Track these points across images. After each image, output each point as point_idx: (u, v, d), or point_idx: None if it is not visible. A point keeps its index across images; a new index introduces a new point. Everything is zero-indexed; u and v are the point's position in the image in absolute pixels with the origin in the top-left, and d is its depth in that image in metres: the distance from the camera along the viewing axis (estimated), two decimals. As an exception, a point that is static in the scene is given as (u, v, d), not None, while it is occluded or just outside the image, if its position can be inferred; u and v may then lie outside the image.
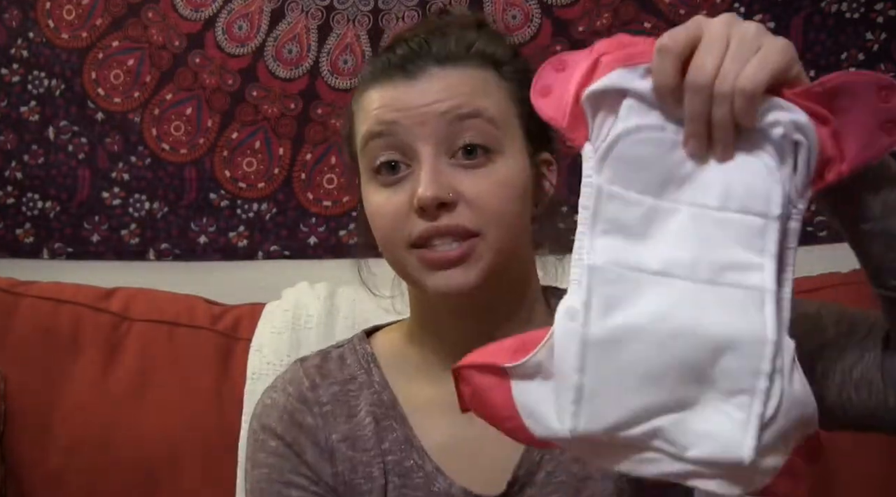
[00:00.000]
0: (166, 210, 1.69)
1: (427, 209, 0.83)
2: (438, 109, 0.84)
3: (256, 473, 0.93)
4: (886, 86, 0.64)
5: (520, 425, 0.71)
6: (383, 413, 0.93)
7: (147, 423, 1.40)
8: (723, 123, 0.64)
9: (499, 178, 0.85)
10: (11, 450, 1.41)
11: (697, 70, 0.64)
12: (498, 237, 0.85)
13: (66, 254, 1.70)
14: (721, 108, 0.63)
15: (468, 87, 0.86)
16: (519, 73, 0.90)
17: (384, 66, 0.88)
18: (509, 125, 0.87)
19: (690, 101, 0.64)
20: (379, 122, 0.86)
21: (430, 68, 0.86)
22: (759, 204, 0.65)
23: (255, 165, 1.69)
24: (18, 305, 1.46)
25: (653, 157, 0.67)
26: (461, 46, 0.88)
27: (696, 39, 0.64)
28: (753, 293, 0.65)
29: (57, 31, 1.68)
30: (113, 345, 1.45)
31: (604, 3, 1.62)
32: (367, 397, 0.94)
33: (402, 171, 0.85)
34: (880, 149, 0.65)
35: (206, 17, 1.67)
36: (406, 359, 0.96)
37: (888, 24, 1.59)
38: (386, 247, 0.88)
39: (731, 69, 0.63)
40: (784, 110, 0.64)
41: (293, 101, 1.68)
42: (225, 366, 1.43)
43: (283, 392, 0.96)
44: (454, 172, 0.84)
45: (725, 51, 0.64)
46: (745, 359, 0.64)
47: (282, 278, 1.57)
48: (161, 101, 1.68)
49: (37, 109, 1.69)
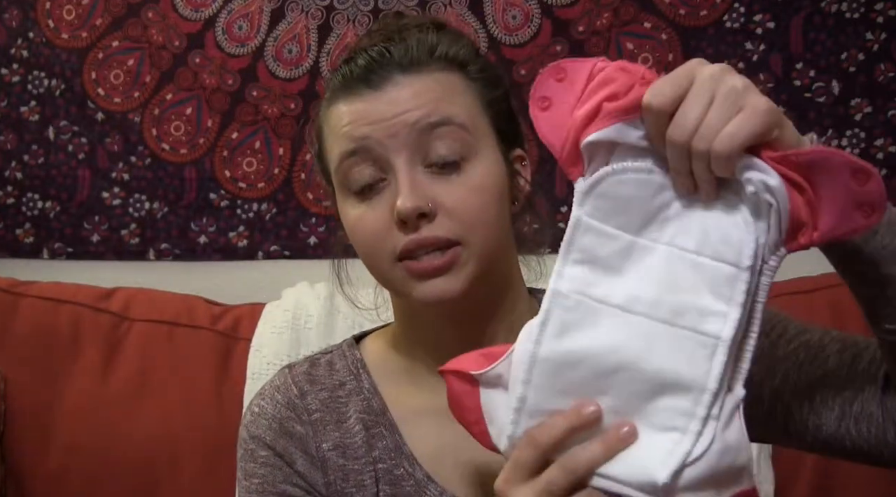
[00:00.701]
0: (166, 210, 1.69)
1: (408, 221, 0.82)
2: (408, 120, 0.83)
3: (248, 484, 0.92)
4: (860, 169, 0.63)
5: (485, 430, 0.74)
6: (373, 420, 0.92)
7: (147, 423, 1.40)
8: (702, 176, 0.65)
9: (475, 184, 0.84)
10: (11, 450, 1.41)
11: (676, 127, 0.64)
12: (480, 243, 0.84)
13: (66, 254, 1.70)
14: (698, 163, 0.65)
15: (435, 94, 0.85)
16: (483, 71, 0.89)
17: (347, 79, 0.86)
18: (480, 127, 0.87)
19: (671, 155, 0.66)
20: (351, 139, 0.84)
21: (395, 76, 0.84)
22: (731, 253, 0.66)
23: (255, 165, 1.69)
24: (18, 305, 1.46)
25: (637, 197, 0.69)
26: (423, 51, 0.86)
27: (684, 91, 0.65)
28: (707, 340, 0.66)
29: (57, 31, 1.68)
30: (113, 345, 1.45)
31: (604, 3, 1.62)
32: (356, 404, 0.93)
33: (377, 185, 0.85)
34: (854, 229, 0.65)
35: (206, 17, 1.67)
36: (394, 365, 0.95)
37: (888, 24, 1.59)
38: (370, 261, 0.87)
39: (711, 127, 0.64)
40: (757, 171, 0.65)
41: (293, 101, 1.67)
42: (225, 366, 1.43)
43: (271, 400, 0.94)
44: (430, 181, 0.83)
45: (709, 106, 0.64)
46: (682, 401, 0.66)
47: (282, 278, 1.57)
48: (161, 101, 1.68)
49: (37, 109, 1.69)
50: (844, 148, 1.60)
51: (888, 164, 1.60)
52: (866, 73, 1.60)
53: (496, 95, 0.90)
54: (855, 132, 1.60)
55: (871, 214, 0.64)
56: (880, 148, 1.60)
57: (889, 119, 1.60)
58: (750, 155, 0.65)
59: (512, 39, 1.65)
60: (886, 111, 1.60)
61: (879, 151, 1.60)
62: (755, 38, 1.61)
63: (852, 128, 1.60)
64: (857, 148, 1.60)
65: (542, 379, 0.69)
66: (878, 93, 1.60)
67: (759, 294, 0.67)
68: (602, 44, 1.62)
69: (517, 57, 1.65)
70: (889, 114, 1.60)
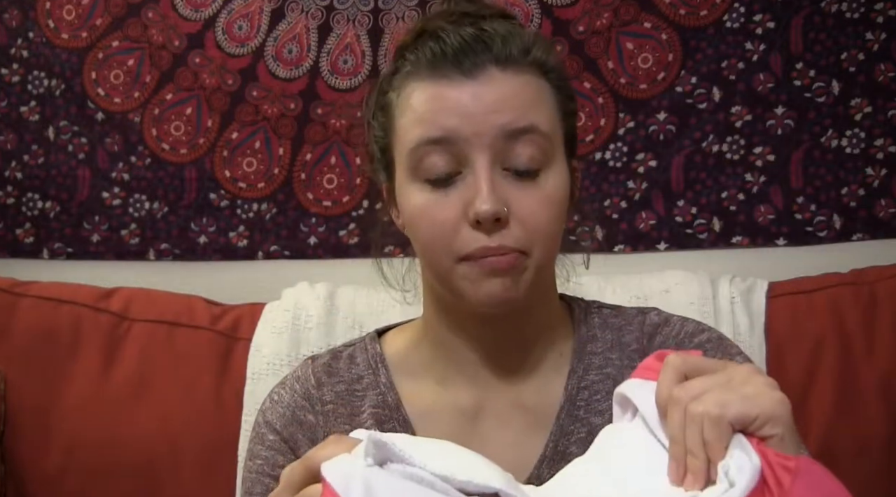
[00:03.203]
0: (166, 210, 1.69)
1: (483, 223, 0.82)
2: (497, 121, 0.82)
3: (251, 464, 0.95)
4: None
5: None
6: (387, 415, 0.93)
7: (147, 423, 1.40)
8: (693, 446, 0.65)
9: (547, 194, 0.85)
10: (11, 450, 1.41)
11: (682, 389, 0.67)
12: (543, 255, 0.85)
13: (66, 254, 1.70)
14: (691, 427, 0.65)
15: (526, 98, 0.84)
16: (563, 80, 0.90)
17: (437, 57, 0.84)
18: (556, 137, 0.87)
19: (670, 416, 0.67)
20: (437, 126, 0.83)
21: (490, 69, 0.83)
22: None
23: (255, 165, 1.69)
24: (18, 305, 1.46)
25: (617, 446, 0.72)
26: (519, 49, 0.85)
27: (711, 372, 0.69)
28: None
29: (57, 31, 1.68)
30: (113, 345, 1.45)
31: (604, 3, 1.62)
32: (371, 399, 0.94)
33: (451, 176, 0.84)
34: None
35: (206, 17, 1.67)
36: (415, 361, 0.96)
37: (888, 24, 1.59)
38: (431, 254, 0.86)
39: (712, 396, 0.66)
40: (742, 450, 0.64)
41: (293, 101, 1.67)
42: (225, 366, 1.43)
43: (290, 389, 0.97)
44: (507, 186, 0.83)
45: (723, 388, 0.66)
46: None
47: (282, 278, 1.57)
48: (161, 101, 1.68)
49: (37, 109, 1.69)
50: (844, 148, 1.60)
51: (888, 164, 1.60)
52: (866, 73, 1.59)
53: (571, 108, 0.91)
54: (855, 132, 1.60)
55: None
56: (880, 148, 1.60)
57: (889, 119, 1.60)
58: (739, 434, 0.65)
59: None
60: (886, 111, 1.60)
61: (879, 151, 1.60)
62: (755, 38, 1.61)
63: (852, 128, 1.60)
64: (857, 148, 1.60)
65: None
66: (878, 93, 1.60)
67: None
68: (602, 44, 1.62)
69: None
70: (889, 114, 1.60)
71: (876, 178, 1.60)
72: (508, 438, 0.91)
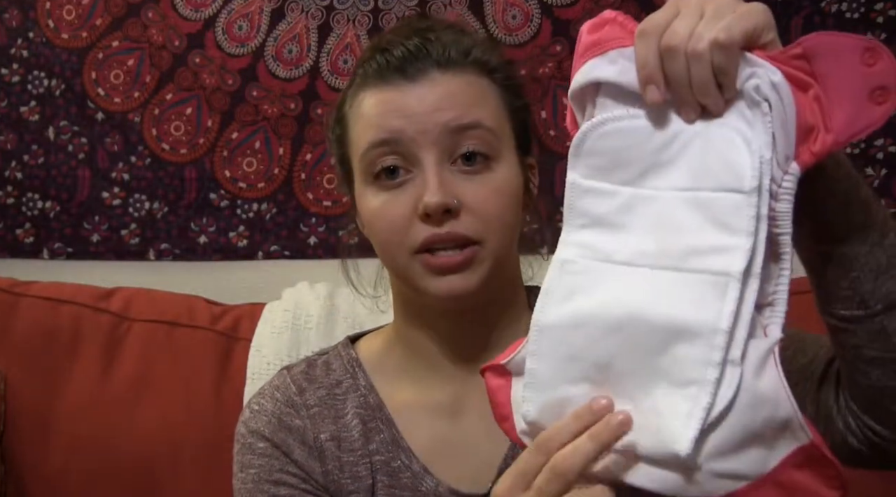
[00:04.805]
0: (166, 210, 1.70)
1: (433, 215, 0.84)
2: (441, 119, 0.85)
3: (244, 475, 0.94)
4: (871, 48, 0.58)
5: (513, 426, 0.70)
6: (370, 415, 0.94)
7: (147, 423, 1.40)
8: (703, 84, 0.63)
9: (497, 185, 0.87)
10: (11, 450, 1.41)
11: (671, 34, 0.63)
12: (496, 244, 0.87)
13: (66, 254, 1.70)
14: (698, 66, 0.62)
15: (468, 97, 0.87)
16: (509, 79, 0.92)
17: (382, 68, 0.88)
18: (504, 133, 0.89)
19: (668, 66, 0.63)
20: (382, 129, 0.86)
21: (431, 72, 0.87)
22: (732, 179, 0.60)
23: (255, 165, 1.69)
24: (18, 305, 1.46)
25: (627, 147, 0.65)
26: (460, 51, 0.88)
27: (674, 17, 0.64)
28: (716, 279, 0.60)
29: (57, 31, 1.68)
30: (113, 345, 1.45)
31: (604, 3, 1.62)
32: (353, 400, 0.95)
33: (401, 176, 0.86)
34: (870, 121, 0.59)
35: (206, 17, 1.67)
36: (390, 362, 0.97)
37: (888, 24, 1.59)
38: (387, 251, 0.89)
39: (705, 29, 0.62)
40: (758, 66, 0.60)
41: (293, 101, 1.67)
42: (225, 366, 1.43)
43: (270, 398, 0.97)
44: (455, 179, 0.86)
45: (700, 19, 0.63)
46: (695, 348, 0.60)
47: (282, 278, 1.57)
48: (161, 101, 1.68)
49: (37, 109, 1.69)
50: (844, 148, 1.60)
51: (888, 164, 1.60)
52: (866, 73, 1.60)
53: (519, 104, 0.93)
54: (855, 132, 1.61)
55: (886, 99, 0.59)
56: (880, 148, 1.60)
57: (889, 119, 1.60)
58: (744, 52, 0.61)
59: (512, 39, 1.65)
60: (886, 111, 1.60)
61: (879, 151, 1.60)
62: (755, 38, 1.61)
63: (852, 128, 1.61)
64: (857, 148, 1.60)
65: (549, 347, 0.65)
66: (878, 93, 1.60)
67: (779, 224, 0.61)
68: (602, 44, 1.62)
69: (517, 57, 1.65)
70: (889, 114, 1.60)
71: (876, 178, 1.60)
72: (490, 430, 0.92)
